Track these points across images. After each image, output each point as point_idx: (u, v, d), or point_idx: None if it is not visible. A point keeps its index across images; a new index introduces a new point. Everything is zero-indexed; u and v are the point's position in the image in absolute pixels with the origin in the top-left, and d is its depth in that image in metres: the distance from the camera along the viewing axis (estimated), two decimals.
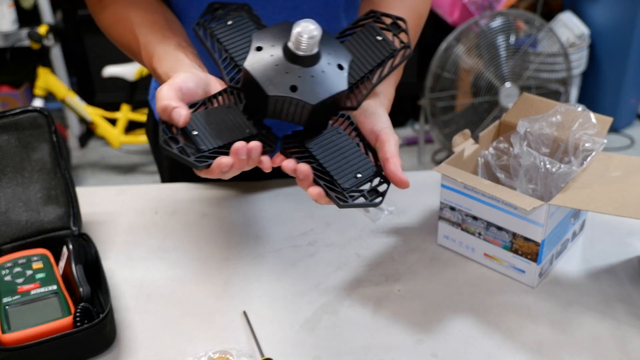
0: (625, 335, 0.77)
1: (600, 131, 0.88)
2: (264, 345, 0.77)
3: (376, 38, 0.74)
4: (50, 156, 0.91)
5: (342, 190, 0.67)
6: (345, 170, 0.69)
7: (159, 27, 0.83)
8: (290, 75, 0.68)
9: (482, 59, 2.56)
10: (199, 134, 0.67)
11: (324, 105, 0.69)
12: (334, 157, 0.70)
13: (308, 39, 0.67)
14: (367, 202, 0.66)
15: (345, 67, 0.71)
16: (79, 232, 0.91)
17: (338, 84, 0.69)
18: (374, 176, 0.69)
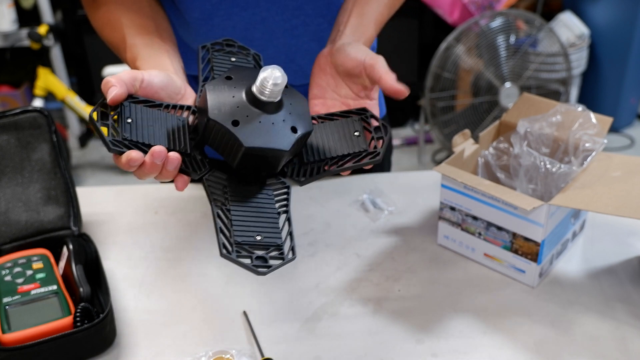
0: (625, 335, 0.77)
1: (601, 131, 0.88)
2: (264, 345, 0.77)
3: (354, 133, 0.74)
4: (50, 156, 0.91)
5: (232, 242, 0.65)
6: (249, 227, 0.67)
7: (148, 31, 0.83)
8: (241, 111, 0.68)
9: (482, 59, 2.56)
10: (131, 123, 0.66)
11: (258, 155, 0.68)
12: (246, 210, 0.69)
13: (271, 85, 0.67)
14: (249, 265, 0.64)
15: (298, 133, 0.69)
16: (79, 232, 0.91)
17: (281, 142, 0.68)
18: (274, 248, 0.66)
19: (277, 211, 0.70)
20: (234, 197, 0.70)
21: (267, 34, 0.91)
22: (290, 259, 0.65)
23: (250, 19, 0.90)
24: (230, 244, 0.65)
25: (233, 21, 0.90)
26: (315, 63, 0.80)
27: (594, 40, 2.88)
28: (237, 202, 0.69)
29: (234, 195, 0.70)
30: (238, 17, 0.89)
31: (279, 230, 0.68)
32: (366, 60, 0.74)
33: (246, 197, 0.70)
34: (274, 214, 0.69)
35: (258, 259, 0.65)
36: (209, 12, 0.89)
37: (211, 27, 0.90)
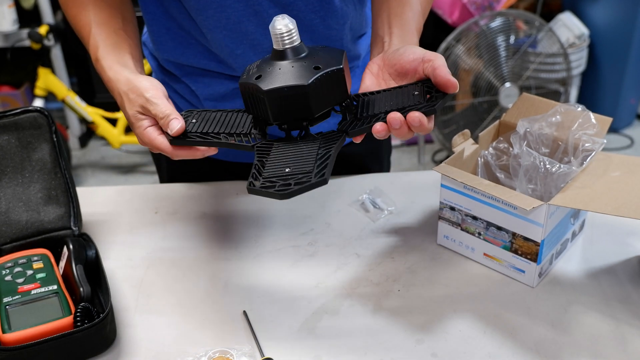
0: (625, 335, 0.78)
1: (600, 131, 0.88)
2: (264, 345, 0.77)
3: (413, 92, 0.75)
4: (51, 156, 0.91)
5: (261, 177, 0.68)
6: (281, 164, 0.70)
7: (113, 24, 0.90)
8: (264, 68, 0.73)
9: (482, 59, 2.56)
10: (196, 122, 0.78)
11: (282, 97, 0.71)
12: (285, 154, 0.72)
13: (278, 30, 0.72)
14: (272, 192, 0.65)
15: (322, 70, 0.71)
16: (79, 232, 0.91)
17: (301, 79, 0.71)
18: (302, 175, 0.67)
19: (318, 150, 0.71)
20: (276, 149, 0.73)
21: (260, 26, 0.92)
22: (315, 182, 0.65)
23: (244, 10, 0.90)
24: (257, 179, 0.68)
25: (227, 12, 0.90)
26: (366, 69, 0.82)
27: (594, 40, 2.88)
28: (278, 151, 0.72)
29: (277, 147, 0.73)
30: (231, 8, 0.90)
31: (312, 162, 0.69)
32: (425, 55, 0.76)
33: (290, 145, 0.73)
34: (312, 152, 0.71)
35: (282, 185, 0.66)
36: (203, 3, 0.89)
37: (205, 18, 0.91)
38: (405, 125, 0.71)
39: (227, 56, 0.95)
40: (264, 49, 0.94)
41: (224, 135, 0.76)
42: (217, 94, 1.01)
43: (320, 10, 0.93)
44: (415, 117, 0.70)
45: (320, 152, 0.70)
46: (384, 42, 0.85)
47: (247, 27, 0.92)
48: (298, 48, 0.73)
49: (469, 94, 2.67)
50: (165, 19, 0.97)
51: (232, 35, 0.92)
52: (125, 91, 0.81)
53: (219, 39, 0.93)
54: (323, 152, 0.70)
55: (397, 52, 0.79)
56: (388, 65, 0.80)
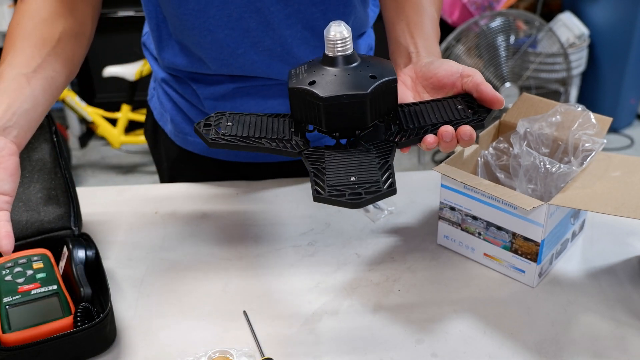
0: (625, 335, 0.78)
1: (600, 131, 0.88)
2: (264, 345, 0.77)
3: (457, 107, 0.76)
4: (51, 156, 0.91)
5: (325, 185, 0.66)
6: (343, 172, 0.68)
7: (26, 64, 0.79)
8: (317, 73, 0.72)
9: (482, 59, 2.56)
10: (232, 125, 0.74)
11: (340, 105, 0.70)
12: (342, 163, 0.70)
13: (333, 37, 0.71)
14: (344, 200, 0.64)
15: (378, 79, 0.71)
16: (79, 232, 0.91)
17: (359, 88, 0.70)
18: (371, 184, 0.66)
19: (376, 160, 0.70)
20: (330, 157, 0.71)
21: (262, 24, 0.92)
22: (385, 192, 0.64)
23: (245, 7, 0.90)
24: (323, 187, 0.66)
25: (229, 10, 0.90)
26: (399, 81, 0.81)
27: (594, 40, 2.88)
28: (334, 159, 0.71)
29: (331, 156, 0.72)
30: (233, 5, 0.90)
31: (377, 170, 0.68)
32: (464, 70, 0.77)
33: (345, 155, 0.72)
34: (372, 161, 0.70)
35: (352, 194, 0.65)
36: (204, 3, 0.89)
37: (207, 19, 0.91)
38: (455, 139, 0.72)
39: (228, 57, 0.95)
40: (265, 47, 0.94)
41: (266, 140, 0.74)
42: (217, 93, 1.01)
43: (321, 4, 0.93)
44: (467, 131, 0.71)
45: (379, 161, 0.70)
46: (411, 53, 0.84)
47: (249, 25, 0.92)
48: (350, 57, 0.72)
49: None
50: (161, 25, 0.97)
51: (233, 34, 0.92)
52: None
53: (219, 39, 0.93)
54: (382, 162, 0.69)
55: (433, 66, 0.79)
56: (422, 78, 0.80)
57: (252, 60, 0.95)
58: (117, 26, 2.82)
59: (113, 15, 2.89)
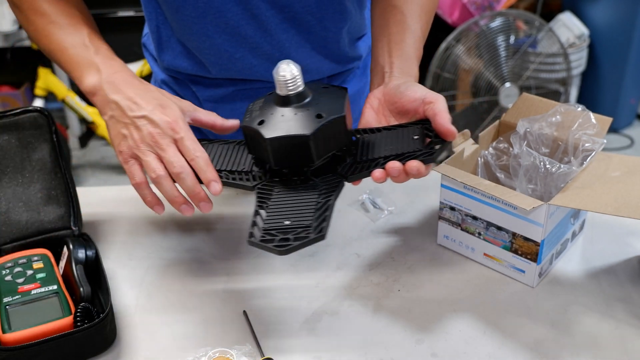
0: (625, 335, 0.78)
1: (600, 131, 0.88)
2: (264, 345, 0.77)
3: (413, 137, 0.76)
4: (51, 156, 0.91)
5: (260, 229, 0.68)
6: (281, 215, 0.70)
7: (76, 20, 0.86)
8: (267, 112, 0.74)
9: (482, 59, 2.56)
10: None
11: (284, 144, 0.71)
12: (285, 202, 0.72)
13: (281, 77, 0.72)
14: (271, 247, 0.66)
15: (324, 118, 0.72)
16: (79, 232, 0.91)
17: (303, 128, 0.71)
18: (302, 230, 0.67)
19: (318, 199, 0.71)
20: (277, 195, 0.73)
21: (259, 30, 0.92)
22: (313, 238, 0.66)
23: (243, 14, 0.90)
24: (258, 230, 0.68)
25: (226, 17, 0.90)
26: (366, 102, 0.82)
27: (594, 40, 2.88)
28: (278, 197, 0.73)
29: (278, 193, 0.73)
30: (230, 12, 0.90)
31: (312, 214, 0.69)
32: (427, 97, 0.76)
33: (290, 192, 0.73)
34: (312, 202, 0.71)
35: (282, 240, 0.66)
36: (202, 9, 0.89)
37: (205, 25, 0.91)
38: (403, 173, 0.72)
39: (227, 62, 0.95)
40: (263, 52, 0.94)
41: (225, 173, 0.77)
42: (216, 96, 1.01)
43: (318, 12, 0.93)
44: (414, 166, 0.71)
45: (320, 200, 0.71)
46: (385, 73, 0.84)
47: (246, 31, 0.92)
48: (302, 93, 0.73)
49: (469, 94, 2.67)
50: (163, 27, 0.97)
51: (231, 40, 0.92)
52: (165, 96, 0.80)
53: (218, 44, 0.93)
54: (323, 202, 0.71)
55: (399, 90, 0.79)
56: (389, 102, 0.81)
57: (250, 65, 0.96)
58: (117, 26, 2.82)
59: (113, 15, 2.89)
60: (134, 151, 0.76)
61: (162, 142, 0.74)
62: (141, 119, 0.75)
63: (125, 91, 0.78)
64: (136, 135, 0.75)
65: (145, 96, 0.77)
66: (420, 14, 0.90)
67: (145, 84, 0.81)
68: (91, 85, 0.80)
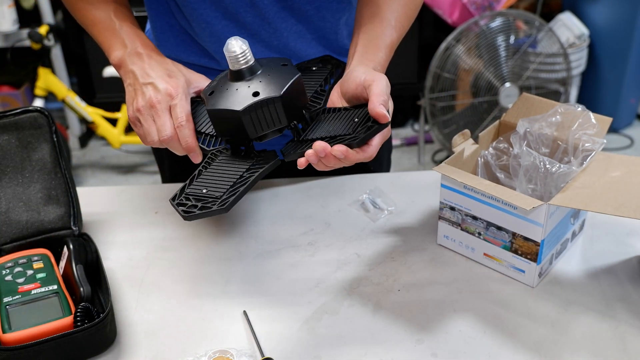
0: (625, 335, 0.78)
1: (600, 131, 0.88)
2: (264, 345, 0.77)
3: (354, 119, 0.78)
4: (51, 156, 0.91)
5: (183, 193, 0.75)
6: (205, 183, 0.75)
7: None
8: (219, 85, 0.77)
9: (482, 59, 2.56)
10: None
11: (220, 117, 0.75)
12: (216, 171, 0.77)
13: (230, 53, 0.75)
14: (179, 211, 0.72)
15: (260, 96, 0.74)
16: (79, 232, 0.91)
17: (237, 104, 0.74)
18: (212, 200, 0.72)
19: (245, 171, 0.75)
20: (217, 162, 0.78)
21: (258, 17, 0.92)
22: (215, 210, 0.70)
23: (242, 1, 0.91)
24: (181, 192, 0.74)
25: (225, 4, 0.91)
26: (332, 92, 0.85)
27: (594, 40, 2.88)
28: (216, 166, 0.77)
29: (219, 161, 0.78)
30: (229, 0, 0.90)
31: (229, 186, 0.73)
32: (366, 79, 0.77)
33: (227, 162, 0.77)
34: (236, 174, 0.75)
35: (191, 207, 0.72)
36: None
37: (203, 11, 0.92)
38: (331, 156, 0.73)
39: None
40: (262, 40, 0.95)
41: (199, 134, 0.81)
42: None
43: (316, 1, 0.93)
44: (338, 150, 0.72)
45: (245, 175, 0.74)
46: (348, 64, 0.86)
47: (245, 18, 0.93)
48: (251, 68, 0.76)
49: (469, 94, 2.67)
50: (168, 16, 0.98)
51: (230, 27, 0.93)
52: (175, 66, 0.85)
53: (217, 31, 0.93)
54: (246, 176, 0.74)
55: (346, 77, 0.81)
56: (342, 92, 0.82)
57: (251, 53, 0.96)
58: None
59: None
60: (137, 115, 0.82)
61: (158, 108, 0.80)
62: (148, 85, 0.81)
63: (142, 62, 0.84)
64: (140, 100, 0.81)
65: (157, 67, 0.83)
66: (397, 7, 0.90)
67: (162, 57, 0.87)
68: (117, 58, 0.87)
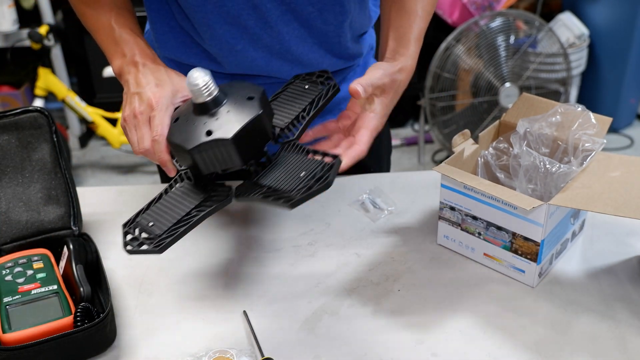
0: (625, 335, 0.78)
1: (600, 131, 0.88)
2: (264, 345, 0.77)
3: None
4: (51, 156, 0.91)
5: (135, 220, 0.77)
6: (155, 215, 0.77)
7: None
8: (185, 116, 0.75)
9: (482, 59, 2.56)
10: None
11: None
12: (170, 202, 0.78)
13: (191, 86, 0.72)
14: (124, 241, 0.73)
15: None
16: (79, 232, 0.91)
17: (190, 142, 0.73)
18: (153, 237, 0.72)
19: (190, 210, 0.74)
20: (174, 191, 0.78)
21: (260, 20, 0.92)
22: (149, 250, 0.70)
23: (243, 4, 0.90)
24: (132, 220, 0.75)
25: (226, 7, 0.91)
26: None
27: (594, 40, 2.88)
28: (173, 195, 0.77)
29: (176, 189, 0.78)
30: (231, 3, 0.90)
31: (168, 226, 0.73)
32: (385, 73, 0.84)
33: (182, 194, 0.77)
34: (183, 211, 0.75)
35: (133, 239, 0.73)
36: None
37: (205, 14, 0.91)
38: None
39: (228, 53, 0.95)
40: (264, 44, 0.94)
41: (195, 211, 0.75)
42: None
43: (317, 3, 0.93)
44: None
45: (192, 212, 0.74)
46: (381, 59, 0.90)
47: (247, 22, 0.92)
48: (203, 105, 0.73)
49: (469, 94, 2.67)
50: (169, 17, 0.98)
51: (232, 30, 0.93)
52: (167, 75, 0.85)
53: (219, 35, 0.93)
54: (193, 214, 0.73)
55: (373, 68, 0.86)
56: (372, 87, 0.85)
57: (251, 58, 0.96)
58: None
59: None
60: (124, 124, 0.83)
61: (140, 119, 0.80)
62: (135, 95, 0.82)
63: (137, 71, 0.85)
64: (127, 109, 0.82)
65: (148, 75, 0.83)
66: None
67: (156, 65, 0.86)
68: (117, 68, 0.89)
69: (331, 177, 0.68)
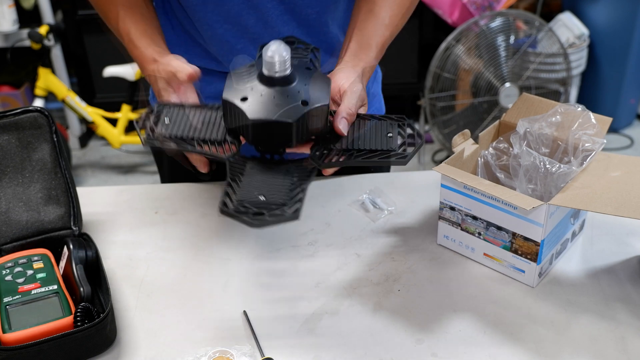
0: (625, 335, 0.78)
1: (600, 131, 0.88)
2: (264, 345, 0.77)
3: (387, 134, 0.76)
4: (51, 156, 0.91)
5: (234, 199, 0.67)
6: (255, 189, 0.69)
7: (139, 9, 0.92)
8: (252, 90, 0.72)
9: (482, 59, 2.56)
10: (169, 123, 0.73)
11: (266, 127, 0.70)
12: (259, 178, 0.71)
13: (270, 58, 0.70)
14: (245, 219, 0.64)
15: (309, 105, 0.71)
16: (80, 232, 0.91)
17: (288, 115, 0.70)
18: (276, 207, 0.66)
19: (293, 181, 0.71)
20: (250, 169, 0.72)
21: (260, 20, 0.93)
22: (289, 217, 0.65)
23: (243, 4, 0.91)
24: (231, 201, 0.66)
25: (227, 6, 0.91)
26: None
27: (594, 40, 2.88)
28: (252, 173, 0.72)
29: (252, 168, 0.72)
30: (231, 2, 0.91)
31: (286, 193, 0.68)
32: (342, 86, 0.79)
33: (264, 169, 0.73)
34: (287, 183, 0.70)
35: (256, 214, 0.65)
36: None
37: (206, 13, 0.92)
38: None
39: (228, 52, 0.95)
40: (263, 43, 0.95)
41: (198, 141, 0.74)
42: (218, 92, 1.01)
43: (316, 6, 0.93)
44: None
45: (293, 183, 0.71)
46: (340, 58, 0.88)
47: (247, 21, 0.92)
48: (289, 77, 0.71)
49: (469, 94, 2.67)
50: (170, 16, 0.98)
51: (232, 30, 0.93)
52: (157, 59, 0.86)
53: (219, 34, 0.93)
54: (297, 185, 0.70)
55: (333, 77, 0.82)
56: None
57: (252, 57, 0.96)
58: None
59: None
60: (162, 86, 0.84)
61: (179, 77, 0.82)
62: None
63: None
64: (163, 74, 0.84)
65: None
66: (392, 5, 0.92)
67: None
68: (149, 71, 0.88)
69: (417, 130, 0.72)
